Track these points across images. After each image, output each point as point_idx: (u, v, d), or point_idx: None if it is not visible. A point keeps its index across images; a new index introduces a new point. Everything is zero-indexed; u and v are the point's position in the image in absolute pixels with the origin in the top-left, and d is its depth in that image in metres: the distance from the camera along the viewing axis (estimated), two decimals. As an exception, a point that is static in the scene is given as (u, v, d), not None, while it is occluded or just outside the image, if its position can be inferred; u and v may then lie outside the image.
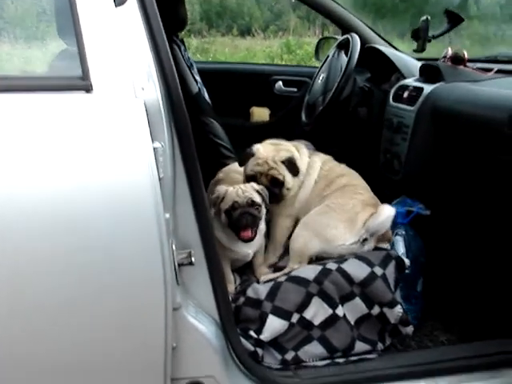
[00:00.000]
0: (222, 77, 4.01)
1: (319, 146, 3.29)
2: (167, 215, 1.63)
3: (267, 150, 2.47)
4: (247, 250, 2.36)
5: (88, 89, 1.56)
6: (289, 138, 3.34)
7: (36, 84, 1.61)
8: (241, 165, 2.54)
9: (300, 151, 2.56)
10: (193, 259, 1.73)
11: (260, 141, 2.61)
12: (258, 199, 2.27)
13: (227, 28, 16.22)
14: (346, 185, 2.45)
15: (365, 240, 2.31)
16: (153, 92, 1.60)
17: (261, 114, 4.09)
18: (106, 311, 1.59)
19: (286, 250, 2.43)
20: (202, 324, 1.80)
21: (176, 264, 1.70)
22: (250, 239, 2.28)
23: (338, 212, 2.33)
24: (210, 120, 3.09)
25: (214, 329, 1.83)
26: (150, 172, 1.54)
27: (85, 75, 1.56)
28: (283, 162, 2.44)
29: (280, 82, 4.05)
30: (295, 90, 4.04)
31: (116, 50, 1.60)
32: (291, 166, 2.44)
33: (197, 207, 1.76)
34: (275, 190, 2.42)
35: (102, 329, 1.61)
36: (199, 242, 1.79)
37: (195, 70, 3.28)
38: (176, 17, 3.07)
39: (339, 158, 3.11)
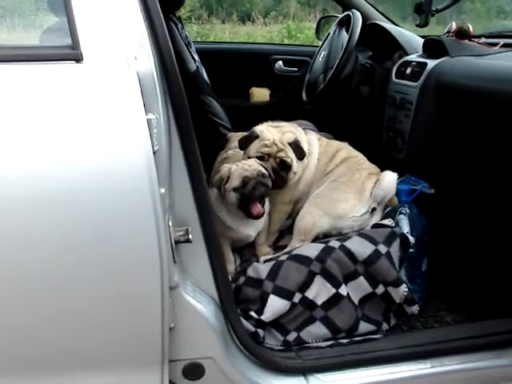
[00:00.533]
0: (221, 57, 3.94)
1: (321, 125, 3.24)
2: (162, 190, 1.57)
3: (272, 132, 2.39)
4: (250, 232, 2.30)
5: (78, 58, 1.49)
6: (289, 119, 3.30)
7: (24, 54, 1.53)
8: (242, 148, 2.45)
9: (297, 131, 2.49)
10: (190, 236, 1.67)
11: (260, 121, 2.53)
12: (264, 170, 2.21)
13: (227, 14, 16.11)
14: (347, 157, 2.42)
15: (373, 210, 2.31)
16: (146, 62, 1.53)
17: (261, 94, 4.03)
18: (99, 289, 1.53)
19: (288, 229, 2.37)
20: (201, 303, 1.74)
21: (173, 241, 1.64)
22: (261, 215, 2.20)
23: (348, 184, 2.31)
24: (208, 99, 3.03)
25: (213, 308, 1.77)
26: (143, 144, 1.47)
27: (75, 45, 1.49)
28: (290, 145, 2.36)
29: (280, 62, 3.98)
30: (296, 69, 3.98)
31: (107, 19, 1.53)
32: (297, 148, 2.37)
33: (194, 182, 1.70)
34: (282, 173, 2.34)
35: (95, 307, 1.55)
36: (197, 219, 1.73)
37: (193, 48, 3.22)
38: None
39: (342, 137, 3.06)
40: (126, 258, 1.52)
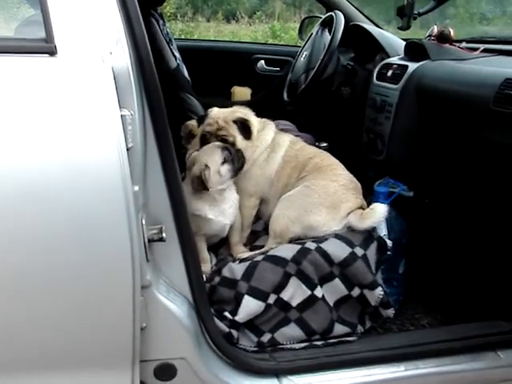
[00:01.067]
0: (203, 55, 3.92)
1: (302, 126, 3.23)
2: (136, 188, 1.54)
3: (221, 111, 2.42)
4: (224, 220, 2.28)
5: (52, 52, 1.46)
6: (271, 118, 3.28)
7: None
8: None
9: (267, 126, 2.48)
10: (164, 235, 1.64)
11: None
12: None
13: (213, 13, 16.07)
14: (321, 165, 2.36)
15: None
16: (122, 57, 1.51)
17: (242, 93, 4.00)
18: (69, 287, 1.50)
19: (265, 229, 2.35)
20: (174, 303, 1.71)
21: (146, 240, 1.61)
22: None
23: (321, 195, 2.24)
24: (188, 96, 3.00)
25: (186, 308, 1.75)
26: (116, 141, 1.45)
27: (49, 37, 1.46)
28: (235, 122, 2.36)
29: (262, 61, 3.97)
30: (278, 69, 3.96)
31: (83, 13, 1.50)
32: (243, 126, 2.37)
33: (169, 180, 1.67)
34: None
35: (66, 306, 1.52)
36: (171, 217, 1.71)
37: (174, 45, 3.19)
38: None
39: (323, 138, 3.05)
40: (96, 255, 1.49)
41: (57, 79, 1.46)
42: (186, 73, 3.19)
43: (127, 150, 1.49)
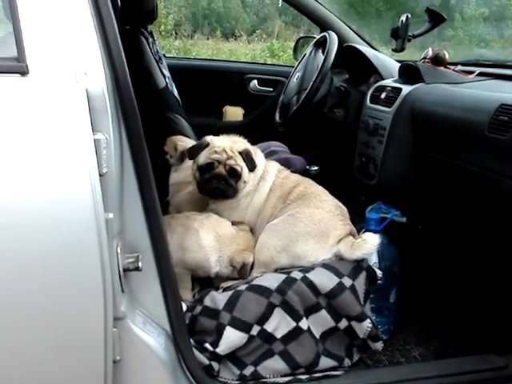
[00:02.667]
0: (195, 74, 3.87)
1: (294, 148, 3.17)
2: (110, 215, 1.47)
3: (223, 141, 2.30)
4: (217, 269, 2.20)
5: (23, 71, 1.39)
6: (263, 139, 3.22)
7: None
8: (191, 157, 2.33)
9: (256, 153, 2.38)
10: (140, 264, 1.57)
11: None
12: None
13: (212, 30, 16.16)
14: (305, 193, 2.26)
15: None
16: (97, 78, 1.44)
17: (234, 113, 3.95)
18: (36, 318, 1.42)
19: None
20: (150, 335, 1.64)
21: (121, 269, 1.54)
22: None
23: (306, 224, 2.14)
24: (176, 117, 2.94)
25: (163, 341, 1.67)
26: (88, 166, 1.38)
27: (20, 57, 1.39)
28: (240, 154, 2.26)
29: (255, 81, 3.91)
30: (271, 89, 3.91)
31: (57, 31, 1.43)
32: (248, 158, 2.27)
33: (146, 206, 1.60)
34: (232, 181, 2.25)
35: (36, 339, 1.45)
36: (149, 245, 1.63)
37: (164, 64, 3.13)
38: (143, 8, 2.92)
39: (314, 161, 2.99)
40: (66, 287, 1.42)
41: (27, 100, 1.39)
42: (175, 92, 3.13)
43: (101, 175, 1.42)
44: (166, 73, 3.09)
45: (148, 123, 2.84)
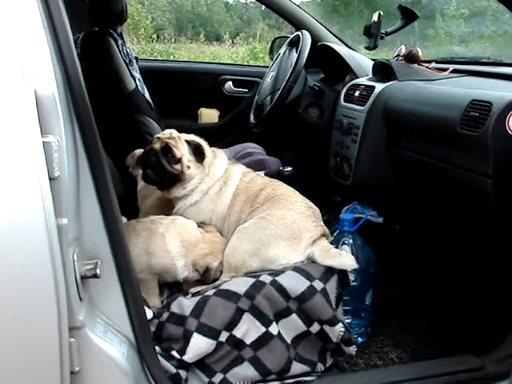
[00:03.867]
0: (169, 76, 3.81)
1: (269, 149, 3.13)
2: (64, 220, 1.41)
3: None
4: (185, 274, 2.14)
5: (-34, 72, 1.33)
6: (239, 141, 3.18)
7: None
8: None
9: (219, 155, 2.35)
10: (98, 271, 1.50)
11: (208, 143, 2.39)
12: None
13: (196, 34, 16.14)
14: (273, 195, 2.21)
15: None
16: (47, 78, 1.38)
17: (209, 115, 3.90)
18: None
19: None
20: (111, 344, 1.56)
21: (78, 277, 1.48)
22: None
23: (278, 226, 2.09)
24: (146, 119, 2.88)
25: (125, 349, 1.60)
26: (36, 171, 1.31)
27: None
28: (188, 142, 2.25)
29: (230, 82, 3.86)
30: (246, 90, 3.86)
31: (2, 29, 1.37)
32: (196, 150, 2.25)
33: (105, 210, 1.54)
34: (164, 159, 2.21)
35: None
36: (109, 251, 1.57)
37: (135, 66, 3.08)
38: (112, 9, 2.86)
39: (289, 162, 2.95)
40: (16, 297, 1.35)
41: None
42: (146, 95, 3.07)
43: (53, 179, 1.36)
44: (137, 75, 3.03)
45: (117, 126, 2.84)
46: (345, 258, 2.03)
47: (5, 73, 1.34)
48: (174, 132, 2.31)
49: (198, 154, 2.25)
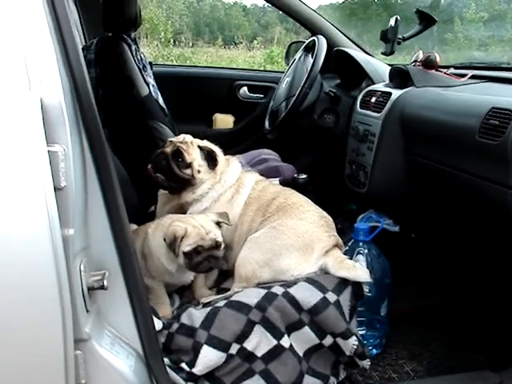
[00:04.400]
0: (184, 81, 3.79)
1: (285, 155, 3.09)
2: (71, 231, 1.38)
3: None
4: (190, 277, 2.11)
5: (-28, 80, 1.31)
6: (253, 147, 3.14)
7: None
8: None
9: (232, 163, 2.33)
10: (105, 282, 1.48)
11: (223, 149, 2.39)
12: (220, 238, 1.99)
13: (214, 38, 16.17)
14: (285, 204, 2.17)
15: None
16: (53, 86, 1.35)
17: (224, 121, 3.86)
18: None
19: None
20: (118, 357, 1.53)
21: (85, 288, 1.45)
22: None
23: (290, 236, 2.05)
24: (159, 125, 2.86)
25: (132, 362, 1.57)
26: (41, 181, 1.28)
27: None
28: (200, 148, 2.25)
29: (245, 88, 3.82)
30: (261, 96, 3.82)
31: (8, 36, 1.34)
32: (208, 155, 2.24)
33: (113, 221, 1.51)
34: (173, 163, 2.22)
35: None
36: (117, 262, 1.54)
37: (149, 72, 3.05)
38: (125, 15, 2.85)
39: (304, 169, 2.91)
40: (19, 310, 1.32)
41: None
42: (160, 100, 3.04)
43: (59, 189, 1.33)
44: (151, 81, 3.01)
45: (130, 132, 2.82)
46: (359, 271, 1.98)
47: (10, 81, 1.32)
48: (188, 137, 2.30)
49: (210, 159, 2.23)
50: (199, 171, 2.22)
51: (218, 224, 2.03)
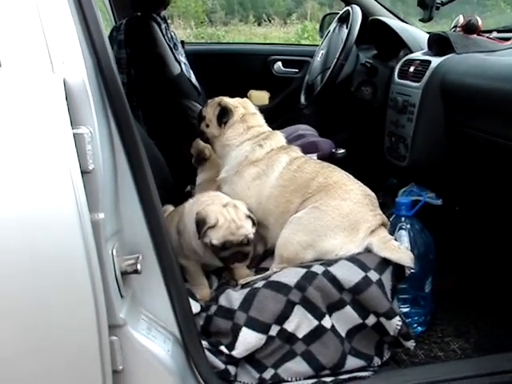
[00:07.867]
0: (217, 58, 3.74)
1: (322, 130, 3.03)
2: (101, 215, 1.35)
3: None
4: None
5: (-5, 64, 1.28)
6: (290, 123, 3.08)
7: None
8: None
9: (269, 136, 2.23)
10: (139, 266, 1.45)
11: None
12: (251, 234, 1.92)
13: (246, 16, 16.01)
14: (326, 184, 2.06)
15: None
16: (77, 67, 1.31)
17: (259, 97, 3.79)
18: (24, 330, 1.32)
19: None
20: (154, 342, 1.51)
21: (118, 273, 1.42)
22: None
23: (334, 217, 1.96)
24: (193, 103, 2.82)
25: (170, 347, 1.54)
26: (67, 164, 1.25)
27: None
28: (219, 104, 2.26)
29: (279, 63, 3.76)
30: (296, 70, 3.75)
31: (30, 18, 1.31)
32: (222, 111, 2.23)
33: (144, 203, 1.48)
34: (200, 124, 2.30)
35: (24, 354, 1.34)
36: (151, 245, 1.51)
37: (180, 50, 3.01)
38: None
39: (342, 144, 2.84)
40: (51, 296, 1.30)
41: (1, 95, 1.27)
42: (193, 79, 3.00)
43: (87, 172, 1.30)
44: (182, 59, 2.97)
45: (163, 112, 2.78)
46: (403, 254, 1.91)
47: (32, 63, 1.29)
48: (223, 98, 2.32)
49: (222, 115, 2.22)
50: (207, 125, 2.25)
51: (251, 219, 1.96)
